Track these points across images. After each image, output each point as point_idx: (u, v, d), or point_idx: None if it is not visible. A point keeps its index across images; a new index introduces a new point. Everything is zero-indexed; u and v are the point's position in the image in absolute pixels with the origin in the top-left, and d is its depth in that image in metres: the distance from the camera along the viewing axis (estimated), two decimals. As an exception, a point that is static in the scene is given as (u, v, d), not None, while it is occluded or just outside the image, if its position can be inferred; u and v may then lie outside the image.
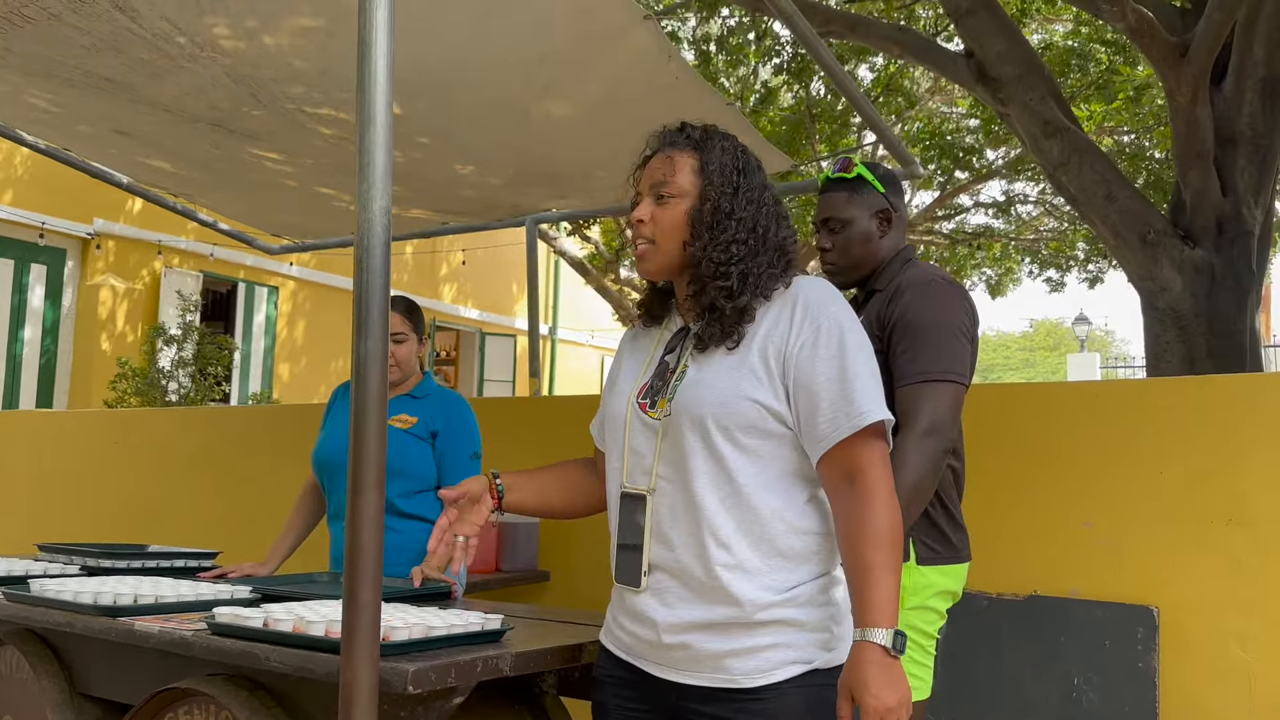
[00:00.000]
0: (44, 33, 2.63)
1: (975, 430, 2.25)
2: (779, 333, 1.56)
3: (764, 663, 1.51)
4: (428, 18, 2.50)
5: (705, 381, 1.56)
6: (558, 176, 3.83)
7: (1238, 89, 5.10)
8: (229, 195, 4.22)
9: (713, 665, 1.53)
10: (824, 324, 1.55)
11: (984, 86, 5.83)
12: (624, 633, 1.64)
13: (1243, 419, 2.63)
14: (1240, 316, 5.09)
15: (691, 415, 1.55)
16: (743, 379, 1.55)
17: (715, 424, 1.53)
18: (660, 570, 1.58)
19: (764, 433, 1.54)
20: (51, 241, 10.18)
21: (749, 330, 1.58)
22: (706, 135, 1.67)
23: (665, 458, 1.58)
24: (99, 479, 5.14)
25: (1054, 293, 14.65)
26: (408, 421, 2.83)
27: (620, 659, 1.65)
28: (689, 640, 1.54)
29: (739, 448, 1.54)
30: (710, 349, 1.59)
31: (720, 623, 1.53)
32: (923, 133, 11.03)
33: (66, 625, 1.99)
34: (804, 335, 1.54)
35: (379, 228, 1.46)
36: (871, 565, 1.46)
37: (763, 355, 1.55)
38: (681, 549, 1.55)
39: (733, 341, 1.57)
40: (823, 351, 1.53)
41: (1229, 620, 2.58)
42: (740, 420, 1.53)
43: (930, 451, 1.89)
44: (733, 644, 1.52)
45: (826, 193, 2.18)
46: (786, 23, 2.73)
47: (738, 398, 1.53)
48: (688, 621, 1.54)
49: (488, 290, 16.46)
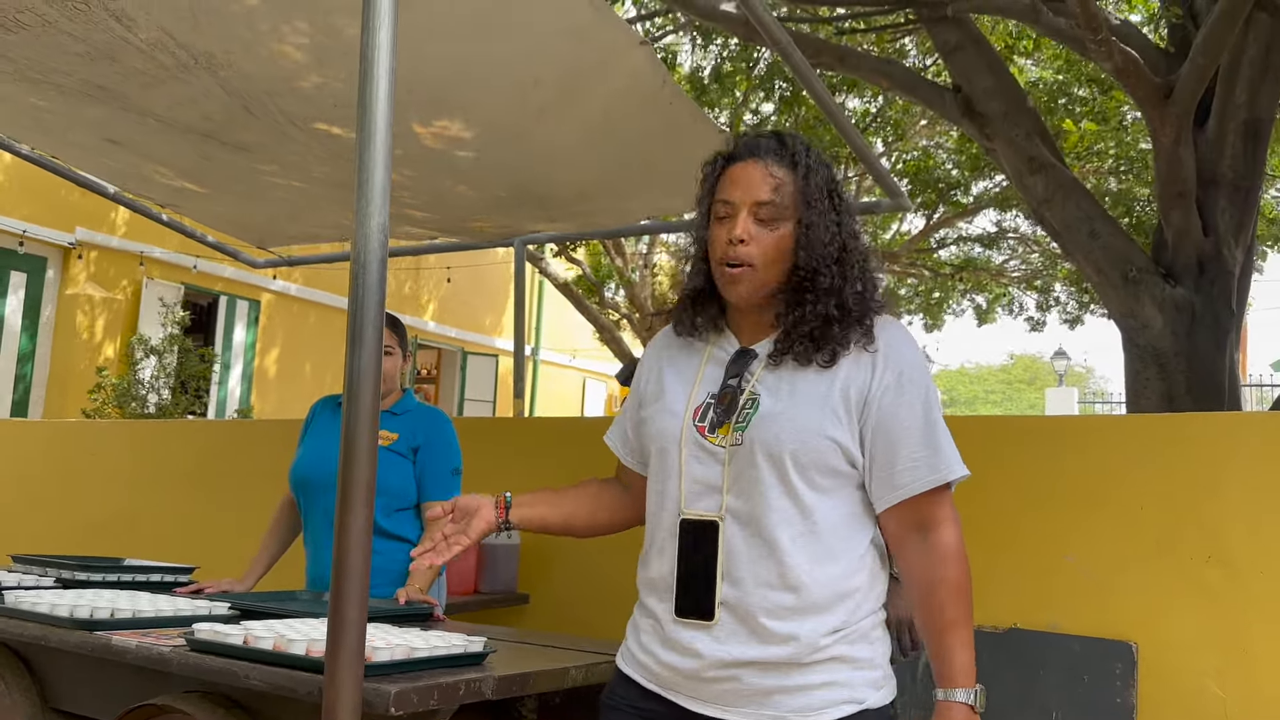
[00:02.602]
0: (38, 39, 2.62)
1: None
2: (861, 373, 1.51)
3: (815, 700, 1.45)
4: (424, 38, 2.51)
5: (786, 415, 1.49)
6: (549, 198, 3.84)
7: (1220, 131, 5.19)
8: (217, 207, 4.20)
9: (760, 701, 1.47)
10: (906, 370, 1.51)
11: (970, 121, 5.90)
12: (655, 663, 1.54)
13: (1222, 457, 2.65)
14: (1219, 355, 5.15)
15: (769, 449, 1.48)
16: (825, 417, 1.49)
17: (793, 460, 1.47)
18: (719, 605, 1.49)
19: (835, 472, 1.50)
20: (32, 249, 10.11)
21: (833, 365, 1.51)
22: (805, 149, 1.57)
23: (734, 489, 1.50)
24: (74, 490, 5.08)
25: (1034, 331, 14.79)
26: (388, 438, 2.81)
27: (647, 689, 1.56)
28: (734, 674, 1.47)
29: (813, 486, 1.48)
30: (787, 378, 1.52)
31: (773, 662, 1.46)
32: (910, 164, 11.14)
33: (41, 638, 1.96)
34: (888, 379, 1.50)
35: (375, 244, 1.46)
36: (953, 622, 1.46)
37: (844, 394, 1.50)
38: (750, 585, 1.48)
39: (824, 359, 1.50)
40: (907, 397, 1.50)
41: (1207, 657, 2.59)
42: (818, 459, 1.48)
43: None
44: (784, 680, 1.46)
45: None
46: (780, 53, 2.75)
47: (819, 436, 1.48)
48: (737, 658, 1.47)
49: (471, 309, 16.44)
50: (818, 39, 6.94)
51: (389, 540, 2.75)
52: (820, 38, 7.17)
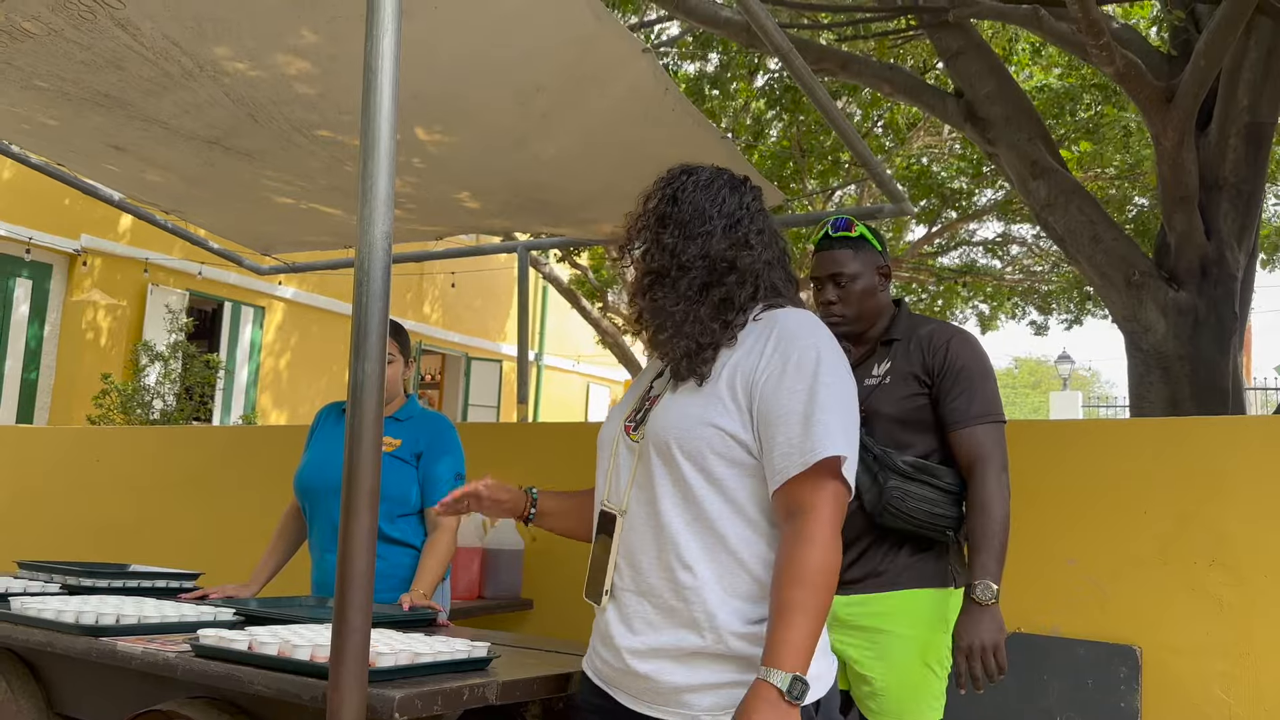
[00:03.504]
0: (44, 47, 2.63)
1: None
2: (749, 360, 1.56)
3: (725, 699, 1.50)
4: (427, 45, 2.52)
5: (670, 408, 1.59)
6: (552, 204, 3.85)
7: (1222, 134, 5.19)
8: (222, 213, 4.22)
9: (675, 700, 1.52)
10: (795, 354, 1.53)
11: (973, 126, 5.90)
12: (598, 659, 1.65)
13: (1226, 461, 2.66)
14: (1223, 359, 5.14)
15: (657, 441, 1.57)
16: (709, 405, 1.55)
17: (680, 449, 1.55)
18: (628, 592, 1.58)
19: (732, 461, 1.54)
20: (38, 256, 10.14)
21: (722, 358, 1.58)
22: (660, 182, 1.73)
23: (638, 480, 1.60)
24: (80, 496, 5.09)
25: (1038, 335, 14.77)
26: (392, 444, 2.82)
27: (598, 687, 1.65)
28: (652, 670, 1.53)
29: (706, 474, 1.54)
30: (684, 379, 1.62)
31: (685, 650, 1.51)
32: (914, 168, 11.13)
33: (47, 644, 1.97)
34: (773, 365, 1.54)
35: (380, 251, 1.47)
36: (788, 604, 1.43)
37: (730, 383, 1.55)
38: (649, 571, 1.56)
39: (700, 373, 1.59)
40: (789, 382, 1.52)
41: (1212, 662, 2.59)
42: (705, 447, 1.53)
43: (1008, 486, 2.11)
44: (693, 677, 1.51)
45: (830, 250, 2.30)
46: (782, 59, 2.76)
47: (702, 424, 1.54)
48: (651, 646, 1.54)
49: (474, 315, 16.45)
50: (820, 45, 6.95)
51: (393, 546, 2.76)
52: (822, 44, 7.18)
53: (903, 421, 2.17)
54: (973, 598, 2.05)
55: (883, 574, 2.15)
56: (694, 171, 1.70)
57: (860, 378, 2.24)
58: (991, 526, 2.06)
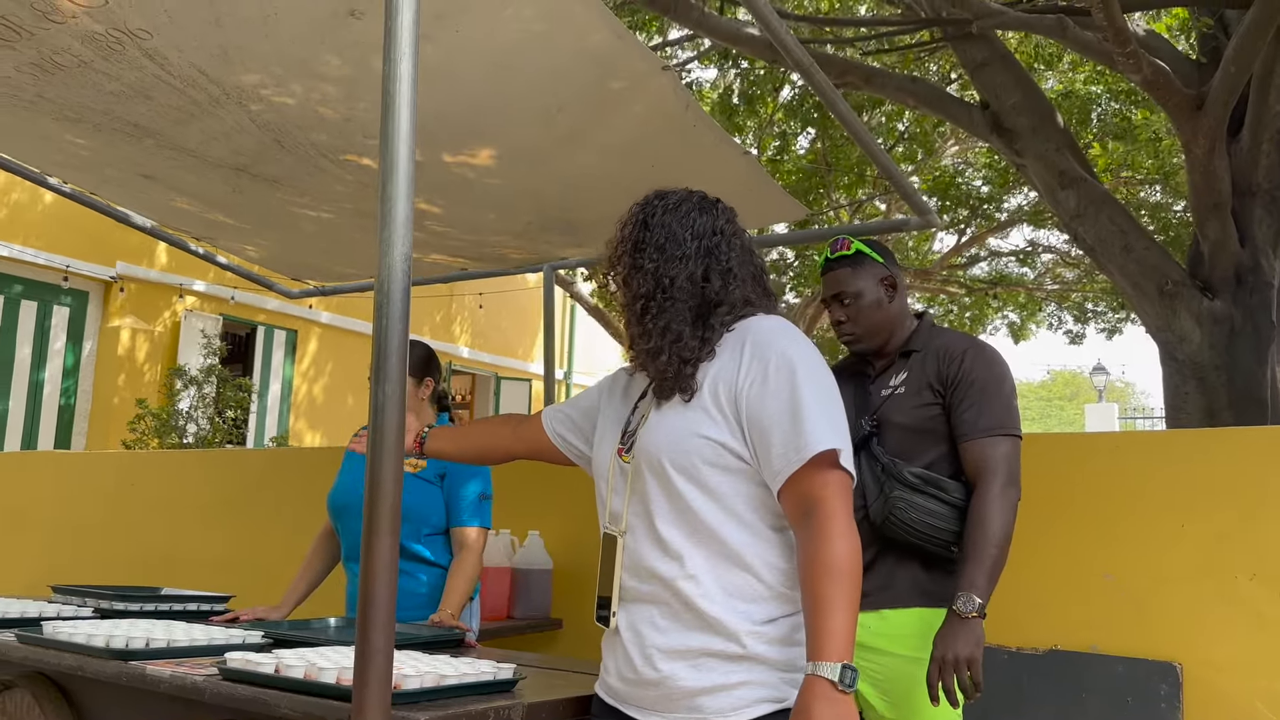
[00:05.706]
0: (74, 79, 2.68)
1: (994, 481, 2.23)
2: (729, 369, 1.61)
3: (736, 700, 1.53)
4: (449, 67, 2.54)
5: (659, 425, 1.63)
6: (576, 223, 3.86)
7: (1254, 141, 5.12)
8: (250, 239, 4.27)
9: (685, 705, 1.55)
10: (775, 358, 1.58)
11: (999, 137, 5.86)
12: (611, 677, 1.67)
13: (1265, 472, 2.60)
14: (1260, 368, 5.05)
15: (649, 458, 1.61)
16: (695, 417, 1.59)
17: (671, 464, 1.58)
18: (635, 602, 1.61)
19: (725, 469, 1.58)
20: (75, 284, 10.30)
21: (703, 372, 1.63)
22: (634, 209, 1.80)
23: (635, 499, 1.63)
24: (115, 520, 5.15)
25: (1073, 344, 14.62)
26: (416, 465, 2.83)
27: (611, 706, 1.67)
28: (665, 674, 1.56)
29: (700, 485, 1.57)
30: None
31: (695, 652, 1.54)
32: (940, 180, 11.07)
33: (78, 668, 1.98)
34: (754, 372, 1.58)
35: (399, 273, 1.47)
36: (825, 598, 1.46)
37: (714, 392, 1.60)
38: (655, 584, 1.59)
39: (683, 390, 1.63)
40: (772, 385, 1.56)
41: (1256, 679, 2.53)
42: (696, 458, 1.57)
43: (1012, 502, 2.05)
44: (706, 680, 1.53)
45: (830, 271, 2.34)
46: (803, 74, 2.75)
47: (691, 436, 1.58)
48: (665, 647, 1.56)
49: (503, 334, 16.52)
50: (844, 59, 6.95)
51: (420, 565, 2.76)
52: (845, 58, 7.17)
53: (914, 430, 2.15)
54: (954, 609, 1.99)
55: (891, 589, 2.12)
56: (665, 195, 1.77)
57: (878, 389, 2.24)
58: (985, 540, 2.00)
